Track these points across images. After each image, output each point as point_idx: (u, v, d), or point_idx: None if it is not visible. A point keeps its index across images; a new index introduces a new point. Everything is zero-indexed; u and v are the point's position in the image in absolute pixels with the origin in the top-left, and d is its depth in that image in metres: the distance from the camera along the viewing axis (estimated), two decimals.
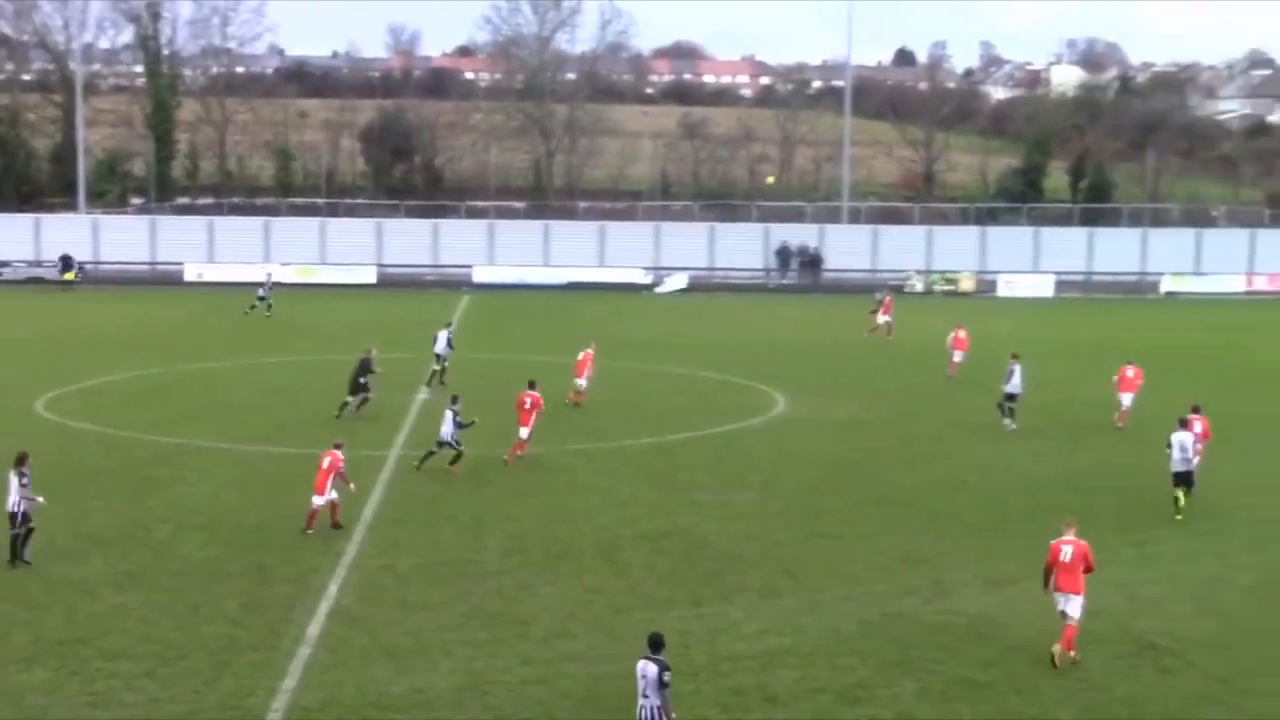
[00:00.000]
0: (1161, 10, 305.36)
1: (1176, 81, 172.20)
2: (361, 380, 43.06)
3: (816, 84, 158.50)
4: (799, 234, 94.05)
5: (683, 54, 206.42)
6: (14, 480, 26.87)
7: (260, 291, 70.76)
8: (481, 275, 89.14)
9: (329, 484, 29.80)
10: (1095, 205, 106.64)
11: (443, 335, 49.40)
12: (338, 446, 30.63)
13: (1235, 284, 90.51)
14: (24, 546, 27.01)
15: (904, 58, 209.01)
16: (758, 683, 21.58)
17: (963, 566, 28.04)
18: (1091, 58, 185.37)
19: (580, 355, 45.94)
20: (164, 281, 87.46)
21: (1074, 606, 22.72)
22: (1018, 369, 42.85)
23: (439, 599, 25.53)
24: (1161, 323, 74.42)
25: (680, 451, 38.74)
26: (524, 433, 37.03)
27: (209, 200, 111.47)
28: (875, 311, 66.38)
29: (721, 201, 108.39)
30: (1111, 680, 22.00)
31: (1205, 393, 49.10)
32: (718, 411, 44.31)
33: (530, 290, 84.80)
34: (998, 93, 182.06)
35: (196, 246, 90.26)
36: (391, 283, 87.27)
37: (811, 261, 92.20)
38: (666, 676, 17.43)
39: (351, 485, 30.52)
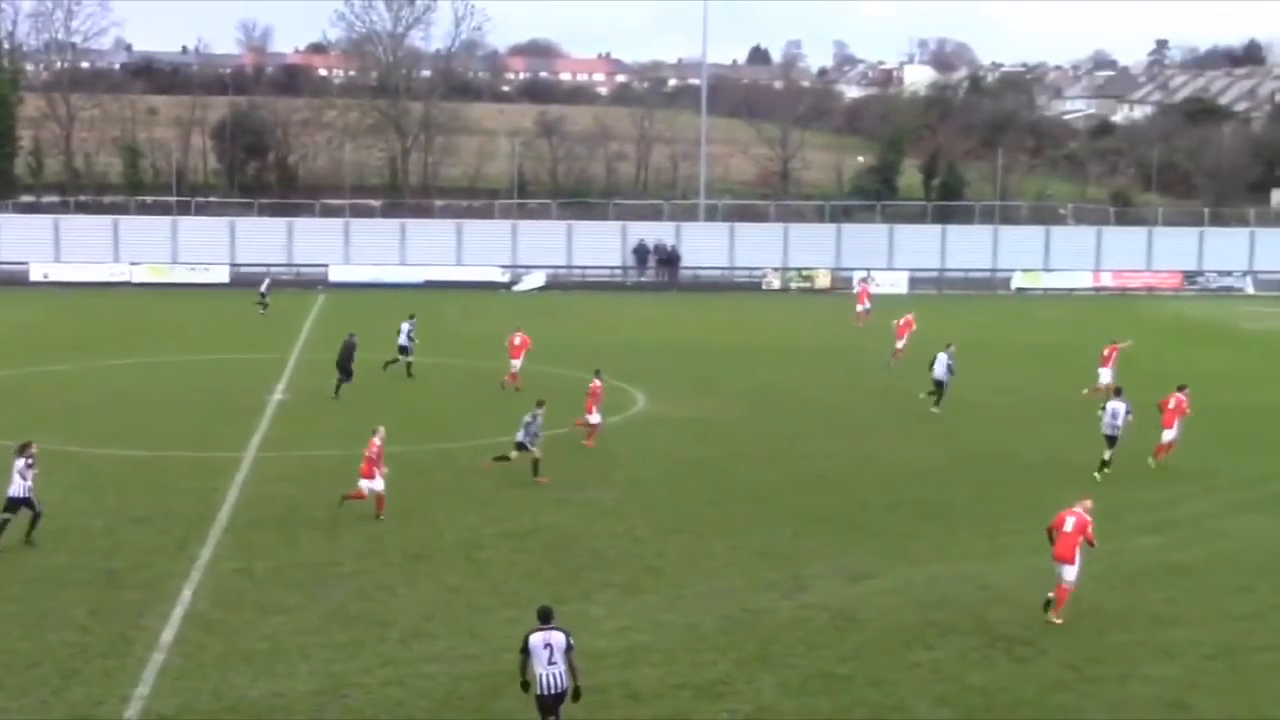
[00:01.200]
0: (1009, 11, 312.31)
1: (1024, 81, 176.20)
2: (350, 364, 44.87)
3: (673, 82, 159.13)
4: (656, 232, 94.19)
5: (539, 52, 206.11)
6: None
7: (261, 288, 71.35)
8: (337, 274, 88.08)
9: (375, 470, 30.55)
10: (947, 203, 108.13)
11: (405, 327, 50.23)
12: (374, 433, 31.27)
13: (1083, 280, 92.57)
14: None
15: (759, 56, 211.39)
16: (620, 679, 21.60)
17: (821, 561, 28.31)
18: (942, 58, 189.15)
19: (517, 340, 47.68)
20: (8, 282, 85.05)
21: (1068, 573, 24.21)
22: (941, 357, 45.05)
23: (296, 601, 25.20)
24: (1014, 318, 75.84)
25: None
26: (593, 418, 39.01)
27: (55, 198, 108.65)
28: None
29: (579, 200, 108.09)
30: (966, 670, 22.35)
31: (1053, 382, 50.28)
32: (578, 409, 44.25)
33: (387, 289, 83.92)
34: (852, 91, 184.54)
35: (42, 245, 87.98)
36: (245, 282, 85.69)
37: (668, 259, 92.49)
38: (572, 640, 18.66)
39: (384, 470, 31.00)
